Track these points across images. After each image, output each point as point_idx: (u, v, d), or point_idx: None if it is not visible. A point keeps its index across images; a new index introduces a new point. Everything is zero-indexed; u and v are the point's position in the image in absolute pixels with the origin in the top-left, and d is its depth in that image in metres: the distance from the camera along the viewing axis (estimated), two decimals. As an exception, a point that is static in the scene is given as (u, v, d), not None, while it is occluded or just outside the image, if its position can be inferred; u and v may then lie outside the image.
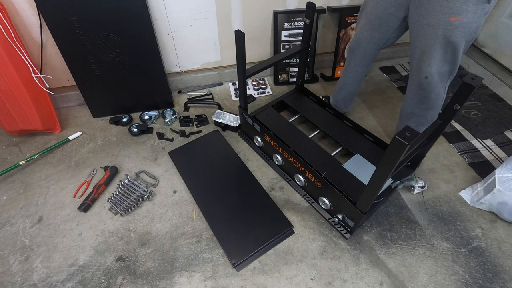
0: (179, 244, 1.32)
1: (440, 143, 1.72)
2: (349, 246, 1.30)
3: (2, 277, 1.23)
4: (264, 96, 2.06)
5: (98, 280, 1.22)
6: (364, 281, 1.20)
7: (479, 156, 1.65)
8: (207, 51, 1.98)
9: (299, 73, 1.78)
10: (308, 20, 1.49)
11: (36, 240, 1.34)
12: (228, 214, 1.40)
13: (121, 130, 1.81)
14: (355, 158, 1.48)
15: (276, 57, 1.58)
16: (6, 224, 1.40)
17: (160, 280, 1.21)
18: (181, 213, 1.43)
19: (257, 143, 1.67)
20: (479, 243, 1.31)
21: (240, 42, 1.29)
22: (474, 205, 1.42)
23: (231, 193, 1.49)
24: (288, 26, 1.93)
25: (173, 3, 1.68)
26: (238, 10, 1.81)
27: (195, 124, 1.86)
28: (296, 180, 1.49)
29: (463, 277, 1.21)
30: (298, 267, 1.24)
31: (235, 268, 1.24)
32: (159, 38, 1.79)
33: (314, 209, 1.43)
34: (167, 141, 1.76)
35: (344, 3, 1.96)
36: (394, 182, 1.40)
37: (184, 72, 2.06)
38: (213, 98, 2.04)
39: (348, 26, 1.99)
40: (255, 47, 2.03)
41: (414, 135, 0.81)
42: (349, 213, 1.25)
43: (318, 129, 1.67)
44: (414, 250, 1.29)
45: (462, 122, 1.85)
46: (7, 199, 1.49)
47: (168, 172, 1.60)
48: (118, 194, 1.48)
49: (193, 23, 1.80)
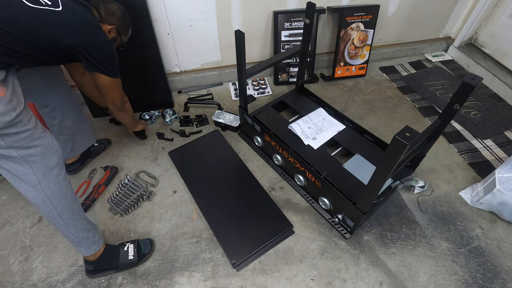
0: (179, 244, 1.32)
1: (440, 143, 1.72)
2: (349, 246, 1.30)
3: (2, 277, 1.23)
4: (264, 96, 2.06)
5: (98, 280, 1.22)
6: (364, 281, 1.20)
7: (479, 156, 1.65)
8: (207, 51, 1.98)
9: (299, 73, 1.78)
10: (308, 20, 1.49)
11: (36, 240, 1.34)
12: (228, 214, 1.40)
13: (121, 130, 1.81)
14: (355, 158, 1.48)
15: (276, 57, 1.58)
16: (6, 224, 1.40)
17: (160, 280, 1.21)
18: (181, 213, 1.43)
19: (257, 143, 1.67)
20: (479, 243, 1.31)
21: (240, 42, 1.29)
22: (474, 205, 1.42)
23: (231, 193, 1.49)
24: (288, 26, 1.93)
25: (173, 3, 1.68)
26: (238, 10, 1.81)
27: (195, 124, 1.86)
28: (296, 180, 1.49)
29: (463, 277, 1.21)
30: (298, 267, 1.24)
31: (235, 268, 1.24)
32: (159, 38, 1.79)
33: (314, 209, 1.43)
34: (167, 141, 1.76)
35: (344, 3, 1.96)
36: (394, 182, 1.40)
37: (184, 72, 2.06)
38: (213, 98, 2.04)
39: (348, 26, 1.99)
40: (255, 47, 2.04)
41: (414, 135, 0.81)
42: (349, 213, 1.25)
43: (318, 129, 1.67)
44: (414, 250, 1.29)
45: (462, 122, 1.85)
46: (7, 199, 1.49)
47: (168, 172, 1.60)
48: (118, 194, 1.48)
49: (193, 23, 1.80)
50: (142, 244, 1.27)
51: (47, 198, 0.99)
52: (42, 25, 0.95)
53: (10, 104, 0.85)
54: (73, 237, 1.09)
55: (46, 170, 0.97)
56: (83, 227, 1.11)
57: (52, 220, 1.04)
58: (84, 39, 1.04)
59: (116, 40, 1.27)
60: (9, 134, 0.86)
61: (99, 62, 1.12)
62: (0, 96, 0.83)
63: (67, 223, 1.05)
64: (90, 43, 1.06)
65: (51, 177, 0.98)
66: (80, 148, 1.53)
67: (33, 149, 0.93)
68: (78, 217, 1.09)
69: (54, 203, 1.00)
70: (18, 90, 0.93)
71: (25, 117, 0.90)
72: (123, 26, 1.27)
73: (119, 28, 1.24)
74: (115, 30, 1.23)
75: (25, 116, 0.90)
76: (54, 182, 0.99)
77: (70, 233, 1.08)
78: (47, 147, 0.97)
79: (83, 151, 1.56)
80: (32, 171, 0.94)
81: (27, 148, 0.92)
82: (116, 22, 1.22)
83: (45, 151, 0.96)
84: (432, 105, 1.96)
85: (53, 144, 0.99)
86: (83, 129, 1.50)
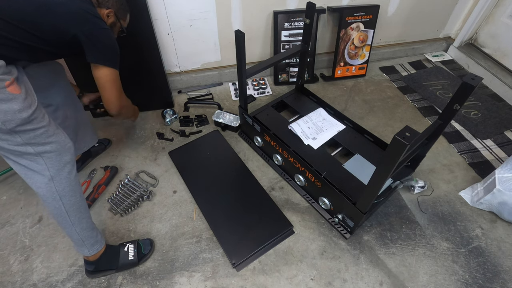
0: (179, 244, 1.32)
1: (440, 143, 1.72)
2: (349, 246, 1.30)
3: (2, 277, 1.23)
4: (264, 96, 2.06)
5: (98, 280, 1.22)
6: (364, 281, 1.20)
7: (479, 156, 1.65)
8: (207, 51, 1.98)
9: (299, 73, 1.78)
10: (308, 20, 1.49)
11: (36, 240, 1.34)
12: (228, 214, 1.40)
13: (121, 130, 1.81)
14: (355, 158, 1.48)
15: (276, 57, 1.58)
16: (6, 224, 1.40)
17: (160, 280, 1.21)
18: (181, 213, 1.43)
19: (257, 143, 1.67)
20: (479, 243, 1.31)
21: (240, 42, 1.29)
22: (474, 205, 1.42)
23: (231, 193, 1.49)
24: (288, 26, 1.93)
25: (173, 3, 1.68)
26: (238, 10, 1.81)
27: (195, 124, 1.86)
28: (296, 180, 1.49)
29: (463, 277, 1.21)
30: (298, 267, 1.24)
31: (235, 268, 1.24)
32: (159, 38, 1.79)
33: (314, 209, 1.43)
34: (167, 141, 1.76)
35: (344, 3, 1.96)
36: (394, 182, 1.39)
37: (184, 72, 2.06)
38: (213, 98, 2.04)
39: (348, 26, 1.99)
40: (255, 47, 2.03)
41: (414, 135, 0.81)
42: (349, 213, 1.25)
43: (318, 129, 1.67)
44: (414, 250, 1.29)
45: (462, 122, 1.85)
46: (7, 199, 1.49)
47: (168, 172, 1.60)
48: (118, 194, 1.48)
49: (193, 23, 1.80)
50: (142, 244, 1.27)
51: (57, 194, 1.00)
52: (47, 16, 0.95)
53: (26, 101, 0.88)
54: (77, 235, 1.09)
55: (60, 166, 0.99)
56: (88, 226, 1.12)
57: (59, 217, 1.04)
58: (85, 27, 1.03)
59: (116, 26, 1.25)
60: (26, 131, 0.89)
61: (98, 50, 1.10)
62: (16, 93, 0.86)
63: (73, 221, 1.06)
64: (91, 30, 1.05)
65: (64, 173, 1.01)
66: (82, 148, 1.53)
67: (48, 145, 0.95)
68: (84, 215, 1.10)
69: (64, 200, 1.02)
70: (30, 88, 0.95)
71: (39, 114, 0.93)
72: (120, 10, 1.24)
73: (116, 12, 1.21)
74: (113, 14, 1.20)
75: (40, 113, 0.93)
76: (66, 179, 1.01)
77: (75, 232, 1.08)
78: (61, 143, 0.99)
79: (84, 151, 1.56)
80: (46, 167, 0.96)
81: (43, 144, 0.94)
82: (113, 6, 1.20)
83: (59, 147, 0.98)
84: (432, 105, 1.96)
85: (66, 141, 1.01)
86: (85, 129, 1.50)
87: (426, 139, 1.32)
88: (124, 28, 1.30)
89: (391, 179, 1.41)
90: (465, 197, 1.46)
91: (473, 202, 1.42)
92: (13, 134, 0.88)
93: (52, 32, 0.98)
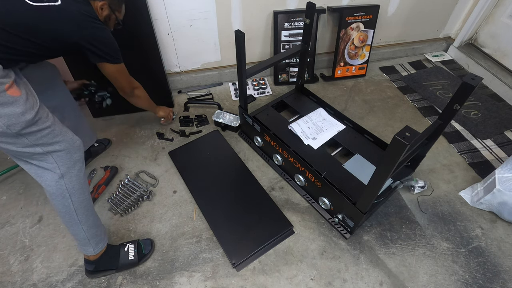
0: (179, 244, 1.32)
1: (440, 143, 1.72)
2: (349, 246, 1.30)
3: (2, 277, 1.23)
4: (264, 96, 2.06)
5: (98, 280, 1.22)
6: (364, 281, 1.20)
7: (479, 156, 1.65)
8: (207, 51, 1.98)
9: (299, 73, 1.78)
10: (308, 20, 1.49)
11: (36, 240, 1.34)
12: (228, 214, 1.40)
13: (121, 130, 1.81)
14: (355, 158, 1.48)
15: (276, 57, 1.58)
16: (6, 224, 1.40)
17: (160, 280, 1.21)
18: (181, 213, 1.43)
19: (257, 143, 1.67)
20: (479, 243, 1.31)
21: (240, 42, 1.29)
22: (474, 205, 1.42)
23: (231, 193, 1.49)
24: (288, 26, 1.93)
25: (173, 3, 1.68)
26: (238, 10, 1.81)
27: (195, 124, 1.86)
28: (296, 180, 1.49)
29: (463, 277, 1.21)
30: (298, 267, 1.24)
31: (235, 268, 1.24)
32: (159, 38, 1.79)
33: (314, 209, 1.43)
34: (167, 141, 1.76)
35: (344, 3, 1.96)
36: (394, 182, 1.39)
37: (184, 72, 2.06)
38: (213, 98, 2.04)
39: (348, 26, 1.99)
40: (255, 47, 2.03)
41: (414, 135, 0.81)
42: (349, 213, 1.25)
43: (318, 129, 1.67)
44: (414, 250, 1.29)
45: (462, 122, 1.85)
46: (7, 199, 1.49)
47: (168, 172, 1.60)
48: (118, 194, 1.48)
49: (193, 23, 1.80)
50: (142, 244, 1.27)
51: (67, 192, 1.00)
52: (45, 23, 0.95)
53: (27, 102, 0.87)
54: (84, 234, 1.09)
55: (70, 164, 1.00)
56: (94, 224, 1.13)
57: (66, 215, 1.04)
58: (86, 31, 1.04)
59: (111, 18, 1.21)
60: (32, 133, 0.89)
61: (102, 51, 1.12)
62: (17, 96, 0.85)
63: (81, 219, 1.07)
64: (93, 34, 1.06)
65: (74, 171, 1.01)
66: None
67: (56, 145, 0.95)
68: (91, 213, 1.11)
69: (73, 198, 1.02)
70: (30, 88, 0.95)
71: (43, 114, 0.92)
72: (114, 1, 1.20)
73: (111, 4, 1.18)
74: (107, 6, 1.16)
75: (43, 113, 0.93)
76: (76, 177, 1.02)
77: (82, 230, 1.08)
78: (70, 142, 0.99)
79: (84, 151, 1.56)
80: (57, 165, 0.97)
81: (51, 144, 0.94)
82: None
83: (69, 146, 0.99)
84: (432, 105, 1.96)
85: (74, 139, 1.02)
86: (83, 129, 1.50)
87: (426, 139, 1.33)
88: (120, 20, 1.26)
89: (391, 179, 1.41)
90: (465, 197, 1.46)
91: (473, 202, 1.43)
92: (20, 137, 0.88)
93: (51, 39, 0.98)
